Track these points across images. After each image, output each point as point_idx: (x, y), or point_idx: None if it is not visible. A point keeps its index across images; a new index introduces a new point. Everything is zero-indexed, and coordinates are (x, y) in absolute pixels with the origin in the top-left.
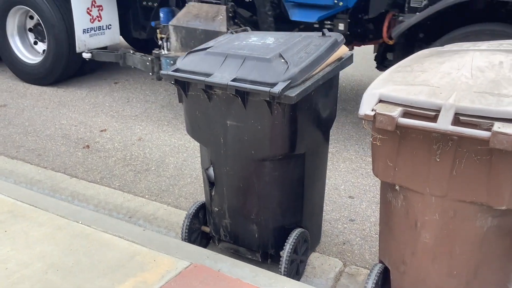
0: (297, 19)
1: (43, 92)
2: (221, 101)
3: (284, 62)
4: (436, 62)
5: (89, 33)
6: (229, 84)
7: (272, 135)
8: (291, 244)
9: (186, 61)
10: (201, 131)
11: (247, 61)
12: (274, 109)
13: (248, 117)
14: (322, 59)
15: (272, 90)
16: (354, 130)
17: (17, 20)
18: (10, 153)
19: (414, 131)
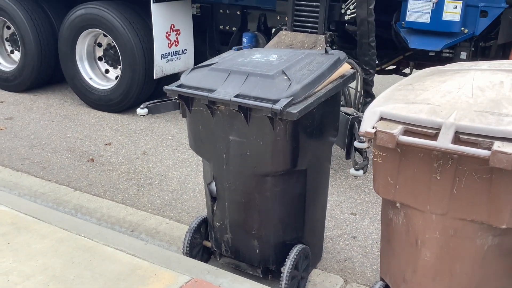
0: (416, 47)
1: (50, 106)
2: (224, 116)
3: (287, 79)
4: (437, 81)
5: (166, 58)
6: (232, 100)
7: (274, 151)
8: (292, 260)
9: (190, 77)
10: (204, 146)
11: (250, 77)
12: (276, 125)
13: (251, 132)
14: (325, 77)
15: (274, 106)
16: None
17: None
18: (15, 166)
19: (415, 149)
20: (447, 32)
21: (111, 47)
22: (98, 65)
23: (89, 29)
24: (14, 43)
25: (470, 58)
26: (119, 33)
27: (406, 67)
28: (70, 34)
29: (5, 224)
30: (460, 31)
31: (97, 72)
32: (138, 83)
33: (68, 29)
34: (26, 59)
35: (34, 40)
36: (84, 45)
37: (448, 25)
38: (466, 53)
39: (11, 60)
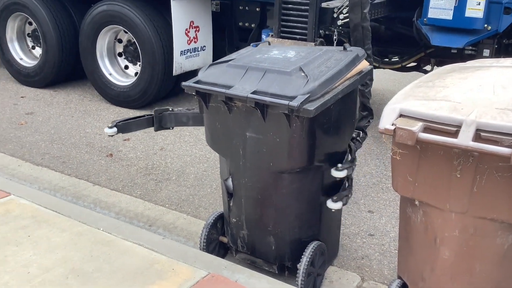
0: (438, 44)
1: (69, 101)
2: (241, 113)
3: (304, 76)
4: (458, 78)
5: (185, 55)
6: (249, 96)
7: (291, 148)
8: (308, 256)
9: (207, 73)
10: (220, 142)
11: (267, 74)
12: (293, 122)
13: (267, 129)
14: (342, 74)
15: (291, 103)
16: (375, 144)
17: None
18: (36, 160)
19: (435, 146)
20: (470, 29)
21: (131, 43)
22: (118, 61)
23: (110, 25)
24: (35, 39)
25: (493, 56)
26: (139, 30)
27: (427, 64)
28: (91, 30)
29: (25, 217)
30: (483, 28)
31: (117, 68)
32: (157, 79)
33: (89, 25)
34: (47, 55)
35: (56, 37)
36: (104, 41)
37: (471, 22)
38: (489, 51)
39: (32, 56)
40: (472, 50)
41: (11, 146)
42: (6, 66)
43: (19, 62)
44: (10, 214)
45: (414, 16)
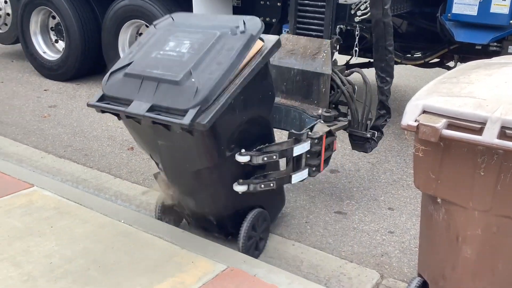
0: (462, 40)
1: (92, 95)
2: (149, 125)
3: (194, 83)
4: (483, 74)
5: None
6: (145, 115)
7: (199, 152)
8: (249, 222)
9: (109, 84)
10: (142, 147)
11: (161, 84)
12: (194, 131)
13: (174, 138)
14: (235, 66)
15: (182, 122)
16: (396, 141)
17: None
18: (58, 152)
19: (458, 143)
20: (495, 25)
21: None
22: None
23: (132, 19)
24: (58, 32)
25: None
26: None
27: (450, 60)
28: (114, 25)
29: (48, 209)
30: (509, 24)
31: None
32: None
33: (111, 20)
34: (70, 49)
35: (78, 31)
36: (126, 35)
37: (496, 17)
38: None
39: (55, 49)
40: (496, 47)
41: (34, 138)
42: (30, 60)
43: (43, 55)
44: (33, 205)
45: (438, 11)
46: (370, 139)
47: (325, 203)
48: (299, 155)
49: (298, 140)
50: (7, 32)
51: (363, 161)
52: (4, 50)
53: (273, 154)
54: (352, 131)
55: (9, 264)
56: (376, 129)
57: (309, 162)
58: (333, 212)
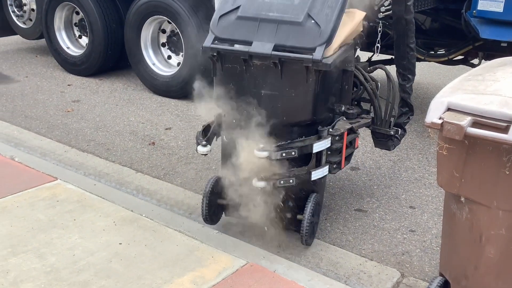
0: (488, 37)
1: (114, 90)
2: (258, 71)
3: (315, 24)
4: (509, 72)
5: None
6: (272, 54)
7: (305, 102)
8: (312, 205)
9: (220, 28)
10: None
11: (280, 25)
12: (310, 76)
13: (284, 85)
14: (343, 11)
15: (314, 57)
16: (418, 139)
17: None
18: (81, 146)
19: (483, 141)
20: None
21: (174, 34)
22: (161, 51)
23: (154, 15)
24: (82, 28)
25: None
26: (183, 20)
27: (474, 57)
28: (136, 21)
29: (71, 202)
30: None
31: (160, 58)
32: (199, 70)
33: (134, 16)
34: (93, 45)
35: (102, 27)
36: (149, 32)
37: None
38: None
39: (78, 45)
40: None
41: (58, 132)
42: (54, 55)
43: (66, 51)
44: (56, 198)
45: (463, 8)
46: (393, 136)
47: (345, 201)
48: (320, 152)
49: (319, 136)
50: (32, 27)
51: (384, 158)
52: (28, 45)
53: (292, 150)
54: (375, 128)
55: (33, 256)
56: (399, 127)
57: (330, 159)
58: (353, 210)
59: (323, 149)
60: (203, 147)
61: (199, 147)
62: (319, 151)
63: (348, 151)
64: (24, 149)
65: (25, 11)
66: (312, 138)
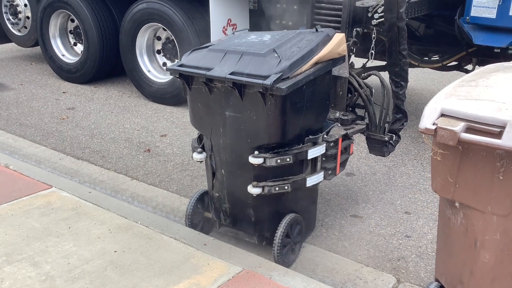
0: (481, 43)
1: (109, 97)
2: (221, 93)
3: (277, 57)
4: (502, 78)
5: None
6: (227, 77)
7: (266, 125)
8: (283, 228)
9: (190, 57)
10: (203, 122)
11: (244, 56)
12: (268, 100)
13: (245, 108)
14: (313, 53)
15: (264, 82)
16: (413, 144)
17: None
18: (77, 154)
19: (477, 147)
20: None
21: (169, 41)
22: (156, 58)
23: (149, 23)
24: (77, 36)
25: None
26: (178, 27)
27: (468, 63)
28: (131, 28)
29: (66, 210)
30: None
31: (155, 65)
32: None
33: (129, 23)
34: (88, 52)
35: (97, 34)
36: (144, 39)
37: None
38: None
39: (74, 52)
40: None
41: (53, 140)
42: (49, 62)
43: (61, 58)
44: (51, 206)
45: (456, 14)
46: (387, 142)
47: (340, 207)
48: (315, 158)
49: (314, 143)
50: (27, 35)
51: (379, 164)
52: (23, 53)
53: (287, 156)
54: (370, 134)
55: (28, 264)
56: (393, 133)
57: (325, 165)
58: (349, 216)
59: (318, 155)
60: (198, 154)
61: (194, 154)
62: (314, 157)
63: (343, 157)
64: (19, 157)
65: (20, 19)
66: (308, 145)
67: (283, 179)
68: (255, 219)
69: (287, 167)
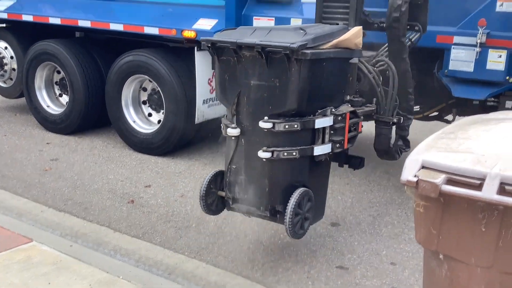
0: (460, 96)
1: (93, 148)
2: (248, 62)
3: (303, 32)
4: (481, 130)
5: (207, 103)
6: (256, 42)
7: (288, 91)
8: (296, 198)
9: (221, 34)
10: (227, 93)
11: (272, 31)
12: (292, 66)
13: (270, 75)
14: (334, 36)
15: (291, 45)
16: (397, 194)
17: (132, 91)
18: (59, 206)
19: (459, 199)
20: (492, 81)
21: (155, 92)
22: (142, 108)
23: (136, 74)
24: (63, 87)
25: None
26: (165, 79)
27: (448, 113)
28: (118, 79)
29: (46, 264)
30: (505, 80)
31: (141, 115)
32: (179, 127)
33: (115, 75)
34: (74, 104)
35: (83, 86)
36: (130, 90)
37: (492, 74)
38: None
39: (59, 103)
40: (494, 102)
41: (35, 192)
42: (33, 113)
43: (46, 109)
44: (31, 260)
45: (435, 67)
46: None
47: (326, 258)
48: (323, 131)
49: (323, 115)
50: (12, 86)
51: (364, 214)
52: (8, 104)
53: (295, 123)
54: (379, 117)
55: None
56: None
57: (333, 138)
58: (335, 267)
59: (326, 126)
60: (233, 129)
61: (229, 130)
62: (323, 130)
63: (351, 134)
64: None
65: (6, 71)
66: (316, 116)
67: (292, 147)
68: (269, 189)
69: (298, 138)
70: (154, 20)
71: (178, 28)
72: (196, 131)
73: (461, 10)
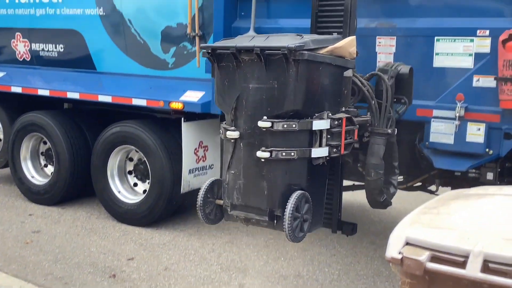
0: (441, 167)
1: (77, 219)
2: (247, 66)
3: (300, 36)
4: (463, 205)
5: (193, 173)
6: (255, 45)
7: (286, 92)
8: (294, 200)
9: (221, 42)
10: (226, 98)
11: (270, 37)
12: (290, 67)
13: (268, 78)
14: (329, 42)
15: (289, 45)
16: (384, 266)
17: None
18: (38, 281)
19: (443, 276)
20: (472, 153)
21: (141, 162)
22: (127, 178)
23: (122, 145)
24: (48, 157)
25: (497, 179)
26: (151, 150)
27: (432, 184)
28: (104, 150)
29: None
30: (485, 152)
31: (126, 186)
32: (165, 197)
33: (102, 145)
34: (59, 174)
35: (69, 157)
36: (116, 160)
37: (472, 146)
38: (493, 174)
39: (44, 174)
40: (475, 173)
41: (15, 266)
42: (17, 184)
43: (31, 180)
44: None
45: (416, 139)
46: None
47: None
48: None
49: (320, 118)
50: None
51: (351, 287)
52: None
53: (293, 123)
54: (373, 129)
55: None
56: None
57: (330, 142)
58: None
59: (323, 129)
60: (232, 131)
61: (228, 133)
62: (320, 133)
63: (347, 141)
64: None
65: None
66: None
67: (290, 148)
68: (268, 192)
69: (296, 139)
70: (142, 92)
71: (166, 100)
72: (182, 201)
73: (440, 85)
